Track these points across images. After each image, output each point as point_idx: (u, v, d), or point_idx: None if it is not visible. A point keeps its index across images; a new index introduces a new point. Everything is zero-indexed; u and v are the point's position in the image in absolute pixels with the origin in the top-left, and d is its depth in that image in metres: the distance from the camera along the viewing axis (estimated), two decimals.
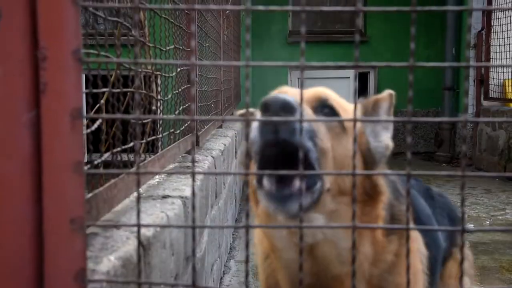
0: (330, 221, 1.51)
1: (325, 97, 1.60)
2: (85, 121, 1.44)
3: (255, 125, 1.36)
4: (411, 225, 1.77)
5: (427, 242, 1.87)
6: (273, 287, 1.77)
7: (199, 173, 1.12)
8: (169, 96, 2.72)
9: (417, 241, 1.77)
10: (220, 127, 5.80)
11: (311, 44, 11.12)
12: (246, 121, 1.11)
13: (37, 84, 1.10)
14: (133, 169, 1.75)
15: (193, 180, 1.12)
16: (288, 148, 1.32)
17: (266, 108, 1.31)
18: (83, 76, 1.18)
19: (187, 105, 3.04)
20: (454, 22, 10.91)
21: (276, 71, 11.43)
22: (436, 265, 2.00)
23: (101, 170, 1.42)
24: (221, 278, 4.18)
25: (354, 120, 1.09)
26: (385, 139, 1.64)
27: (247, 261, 1.14)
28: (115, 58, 1.33)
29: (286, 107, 1.29)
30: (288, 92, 1.56)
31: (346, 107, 1.67)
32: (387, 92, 1.70)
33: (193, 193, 1.12)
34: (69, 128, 1.10)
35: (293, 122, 1.31)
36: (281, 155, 1.35)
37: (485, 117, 9.66)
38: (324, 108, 1.58)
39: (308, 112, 1.47)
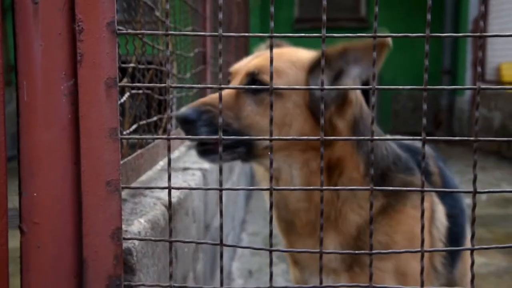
0: (284, 163, 1.63)
1: (255, 71, 1.61)
2: None
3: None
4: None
5: (454, 213, 1.84)
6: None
7: (227, 138, 1.13)
8: (188, 75, 2.72)
9: (430, 209, 1.74)
10: None
11: (315, 30, 11.00)
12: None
13: (74, 55, 1.10)
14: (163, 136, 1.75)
15: (220, 146, 1.13)
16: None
17: (178, 120, 1.60)
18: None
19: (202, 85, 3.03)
20: (452, 9, 10.81)
21: None
22: (461, 236, 1.94)
23: (135, 136, 1.43)
24: (234, 249, 4.21)
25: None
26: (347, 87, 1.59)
27: (271, 221, 1.14)
28: (146, 31, 1.33)
29: (187, 121, 1.56)
30: (238, 68, 1.73)
31: (283, 71, 1.62)
32: (368, 42, 1.53)
33: (220, 157, 1.13)
34: (104, 96, 1.11)
35: (195, 128, 1.56)
36: None
37: (480, 98, 9.60)
38: (254, 82, 1.62)
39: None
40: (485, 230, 4.76)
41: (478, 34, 1.10)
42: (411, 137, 1.26)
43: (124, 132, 1.63)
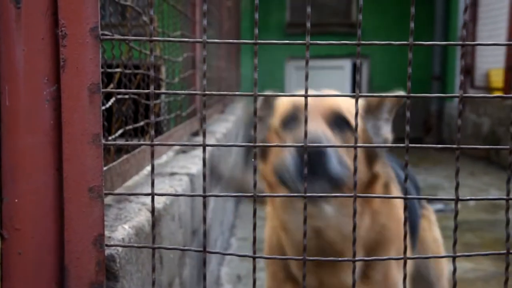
0: (339, 211, 1.61)
1: (338, 110, 1.62)
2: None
3: (290, 158, 1.47)
4: (397, 192, 1.81)
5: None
6: (276, 252, 1.80)
7: (211, 145, 1.12)
8: (176, 80, 2.71)
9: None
10: (222, 112, 5.80)
11: (306, 35, 11.02)
12: (254, 96, 1.11)
13: (57, 61, 1.10)
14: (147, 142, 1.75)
15: (204, 152, 1.13)
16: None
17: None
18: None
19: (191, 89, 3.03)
20: (442, 16, 10.88)
21: (273, 62, 11.37)
22: (416, 230, 2.11)
23: (118, 142, 1.42)
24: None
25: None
26: (384, 133, 1.71)
27: (254, 228, 1.14)
28: (130, 37, 1.33)
29: (322, 154, 1.43)
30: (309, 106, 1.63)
31: (352, 110, 1.68)
32: (395, 93, 1.73)
33: (204, 164, 1.13)
34: (87, 102, 1.10)
35: (327, 161, 1.44)
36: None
37: (469, 104, 9.67)
38: (337, 120, 1.62)
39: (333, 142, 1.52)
40: (474, 236, 4.78)
41: (461, 42, 1.10)
42: (394, 144, 1.26)
43: (110, 138, 1.62)
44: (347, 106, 1.67)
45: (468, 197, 1.11)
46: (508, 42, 1.25)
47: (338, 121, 1.61)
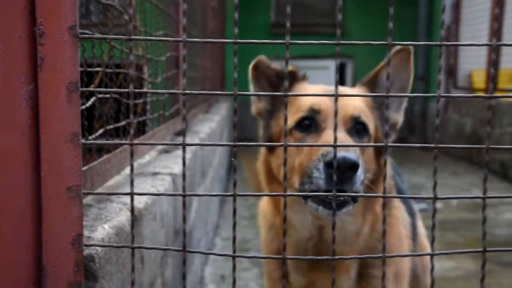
0: (344, 217, 1.63)
1: (357, 114, 1.63)
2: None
3: (321, 172, 1.47)
4: (397, 202, 1.82)
5: (410, 213, 1.93)
6: (275, 251, 1.81)
7: (191, 144, 1.12)
8: (159, 79, 2.70)
9: (400, 209, 1.82)
10: (207, 112, 5.79)
11: (292, 36, 11.03)
12: (234, 95, 1.11)
13: (35, 59, 1.09)
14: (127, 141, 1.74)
15: (184, 151, 1.12)
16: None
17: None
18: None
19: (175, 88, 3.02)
20: (426, 17, 10.96)
21: None
22: (415, 230, 2.11)
23: (97, 141, 1.41)
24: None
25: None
26: (392, 117, 1.73)
27: (234, 227, 1.14)
28: (110, 35, 1.31)
29: (353, 167, 1.41)
30: (327, 109, 1.62)
31: (367, 110, 1.69)
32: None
33: (184, 163, 1.12)
34: (65, 101, 1.09)
35: (355, 179, 1.45)
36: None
37: (452, 104, 9.75)
38: (357, 125, 1.63)
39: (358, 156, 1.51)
40: (456, 235, 4.82)
41: (438, 43, 1.11)
42: (373, 144, 1.26)
43: (90, 137, 1.61)
44: (363, 107, 1.67)
45: (445, 196, 1.12)
46: (488, 42, 1.27)
47: (357, 128, 1.62)
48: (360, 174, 1.45)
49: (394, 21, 1.13)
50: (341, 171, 1.41)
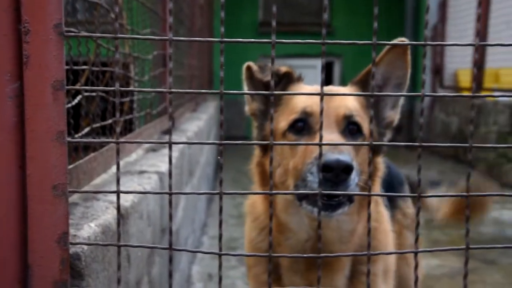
0: (341, 217, 1.63)
1: (350, 114, 1.63)
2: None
3: (314, 175, 1.47)
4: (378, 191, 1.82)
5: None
6: (261, 249, 1.78)
7: (177, 142, 1.12)
8: (146, 77, 2.70)
9: (382, 205, 1.84)
10: (195, 111, 5.78)
11: (279, 34, 11.03)
12: (220, 94, 1.11)
13: (20, 57, 1.08)
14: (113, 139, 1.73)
15: (170, 150, 1.12)
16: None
17: (328, 169, 1.41)
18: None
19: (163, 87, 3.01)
20: (412, 16, 11.03)
21: (245, 61, 11.34)
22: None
23: (83, 140, 1.41)
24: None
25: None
26: (387, 116, 1.75)
27: (220, 225, 1.15)
28: (96, 34, 1.31)
29: (347, 170, 1.41)
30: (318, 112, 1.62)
31: (363, 118, 1.68)
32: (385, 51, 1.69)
33: (170, 162, 1.12)
34: (51, 99, 1.09)
35: (349, 181, 1.44)
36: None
37: (439, 103, 9.82)
38: (350, 125, 1.63)
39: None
40: (441, 233, 4.87)
41: (423, 42, 1.12)
42: (359, 143, 1.27)
43: (76, 136, 1.60)
44: (356, 106, 1.67)
45: (429, 194, 1.14)
46: (473, 42, 1.29)
47: (351, 128, 1.62)
48: (354, 177, 1.45)
49: (382, 20, 1.15)
50: (335, 173, 1.40)
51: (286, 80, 1.75)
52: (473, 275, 3.78)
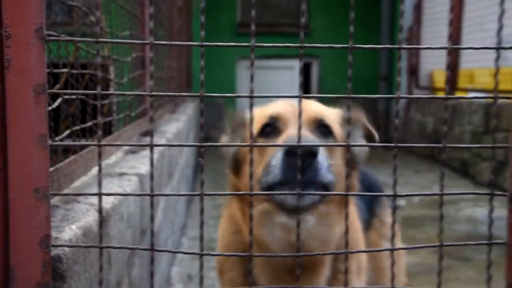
0: (320, 221, 1.59)
1: (321, 117, 1.64)
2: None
3: (278, 161, 1.44)
4: (353, 207, 1.84)
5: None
6: (238, 261, 1.75)
7: (158, 145, 1.14)
8: (125, 80, 2.70)
9: (354, 205, 1.86)
10: (173, 112, 5.78)
11: (257, 36, 11.06)
12: (202, 96, 1.13)
13: (1, 61, 1.09)
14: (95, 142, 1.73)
15: (151, 152, 1.14)
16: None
17: (293, 153, 1.38)
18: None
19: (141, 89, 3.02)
20: (388, 18, 11.17)
21: (223, 63, 11.38)
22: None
23: (65, 142, 1.41)
24: (173, 254, 4.19)
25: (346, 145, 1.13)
26: (362, 142, 1.76)
27: (201, 226, 1.17)
28: (76, 38, 1.32)
29: (312, 153, 1.39)
30: (288, 114, 1.61)
31: (333, 121, 1.70)
32: (361, 114, 1.79)
33: (152, 164, 1.14)
34: (33, 102, 1.10)
35: (317, 165, 1.40)
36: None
37: (415, 104, 9.95)
38: (321, 127, 1.63)
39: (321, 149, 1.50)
40: (418, 231, 4.94)
41: (397, 46, 1.16)
42: (336, 144, 1.30)
43: (57, 138, 1.61)
44: (328, 114, 1.69)
45: (405, 193, 1.17)
46: (444, 46, 1.33)
47: (321, 129, 1.62)
48: (322, 160, 1.42)
49: (358, 22, 1.18)
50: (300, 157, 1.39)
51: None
52: (448, 272, 3.85)
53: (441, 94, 9.22)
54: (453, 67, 8.27)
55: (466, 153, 7.66)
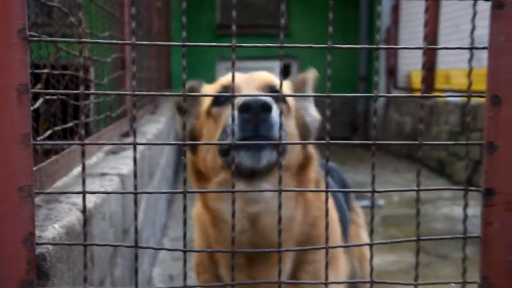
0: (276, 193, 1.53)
1: (273, 83, 1.65)
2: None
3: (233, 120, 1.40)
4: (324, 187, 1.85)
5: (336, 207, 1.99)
6: (206, 258, 1.76)
7: (141, 144, 1.16)
8: (105, 80, 2.70)
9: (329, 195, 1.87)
10: (154, 113, 5.77)
11: (237, 36, 11.12)
12: (184, 96, 1.15)
13: None
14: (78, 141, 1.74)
15: (135, 151, 1.16)
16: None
17: (247, 109, 1.39)
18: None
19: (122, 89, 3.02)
20: (367, 19, 11.29)
21: (204, 64, 11.37)
22: (345, 225, 2.15)
23: (49, 142, 1.42)
24: (155, 254, 4.19)
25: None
26: (314, 113, 1.76)
27: (185, 223, 1.19)
28: (59, 38, 1.33)
29: (266, 107, 1.40)
30: (241, 82, 1.62)
31: (284, 87, 1.71)
32: (311, 71, 1.79)
33: (135, 162, 1.16)
34: (16, 102, 1.11)
35: (271, 120, 1.41)
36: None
37: (393, 104, 10.07)
38: (273, 93, 1.63)
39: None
40: (398, 229, 5.01)
41: (375, 46, 1.19)
42: (315, 141, 1.33)
43: (38, 139, 1.61)
44: (278, 81, 1.70)
45: (383, 189, 1.20)
46: (419, 46, 1.36)
47: (273, 92, 1.61)
48: (275, 117, 1.41)
49: (337, 23, 1.21)
50: (253, 113, 1.38)
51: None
52: (427, 270, 3.92)
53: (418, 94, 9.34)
54: (429, 68, 8.39)
55: (443, 153, 7.77)
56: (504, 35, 1.16)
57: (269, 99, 1.42)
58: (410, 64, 9.82)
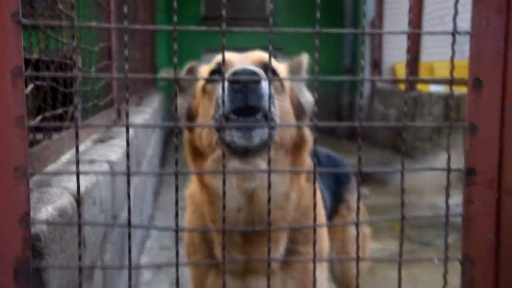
0: (271, 168, 1.54)
1: (266, 61, 1.67)
2: None
3: (222, 91, 1.41)
4: (318, 190, 1.88)
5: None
6: (198, 238, 1.77)
7: (133, 126, 1.18)
8: (93, 69, 2.72)
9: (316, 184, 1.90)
10: (139, 104, 5.77)
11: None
12: (176, 80, 1.18)
13: None
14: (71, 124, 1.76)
15: (127, 132, 1.18)
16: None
17: (236, 79, 1.41)
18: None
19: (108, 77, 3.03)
20: (352, 10, 11.36)
21: (189, 55, 11.34)
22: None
23: (43, 124, 1.44)
24: (143, 243, 4.21)
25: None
26: (308, 94, 1.80)
27: (176, 202, 1.22)
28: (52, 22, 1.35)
29: (254, 75, 1.42)
30: (235, 59, 1.67)
31: (279, 67, 1.77)
32: (305, 56, 1.85)
33: (128, 144, 1.19)
34: (10, 85, 1.13)
35: (260, 90, 1.42)
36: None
37: (378, 96, 10.16)
38: (267, 70, 1.65)
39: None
40: (382, 218, 5.07)
41: (360, 31, 1.23)
42: (304, 123, 1.37)
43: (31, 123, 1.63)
44: (273, 61, 1.70)
45: (368, 169, 1.24)
46: (404, 30, 1.40)
47: (268, 72, 1.64)
48: (265, 87, 1.43)
49: (322, 15, 1.24)
50: (243, 83, 1.41)
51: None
52: (410, 256, 3.99)
53: (403, 86, 9.44)
54: (413, 59, 8.47)
55: (427, 144, 7.87)
56: (486, 19, 1.20)
57: (258, 70, 1.44)
58: (395, 56, 9.90)
